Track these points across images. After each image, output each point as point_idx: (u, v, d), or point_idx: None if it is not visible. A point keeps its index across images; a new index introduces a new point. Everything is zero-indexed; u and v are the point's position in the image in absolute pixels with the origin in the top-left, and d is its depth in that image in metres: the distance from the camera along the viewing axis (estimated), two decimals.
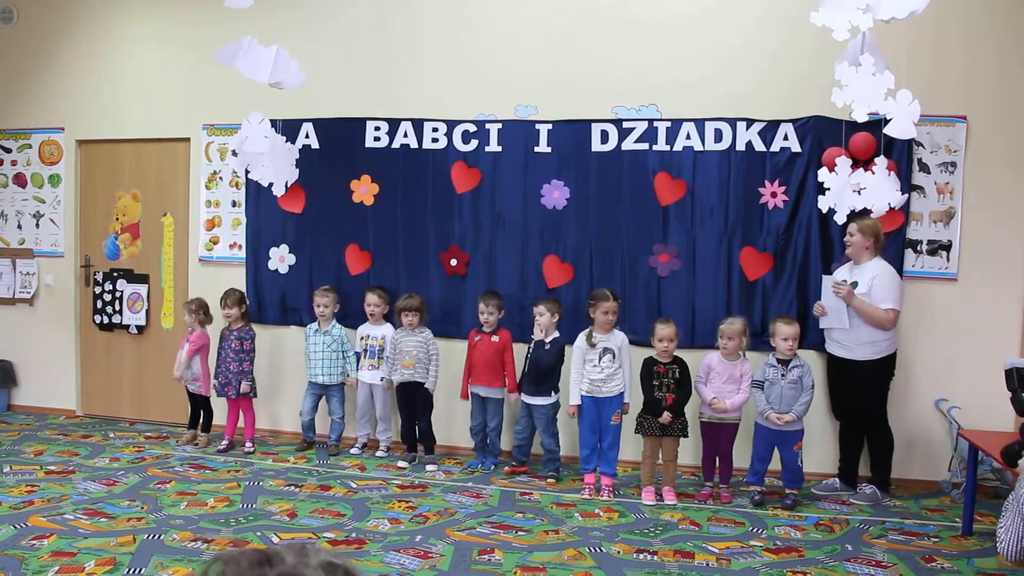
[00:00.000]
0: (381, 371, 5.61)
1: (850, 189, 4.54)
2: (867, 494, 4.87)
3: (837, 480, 5.04)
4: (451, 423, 5.71)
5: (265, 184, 5.53)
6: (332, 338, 5.70)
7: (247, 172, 5.69)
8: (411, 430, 5.51)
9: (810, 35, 4.18)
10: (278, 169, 5.56)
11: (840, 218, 4.67)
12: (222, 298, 5.72)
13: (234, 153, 5.73)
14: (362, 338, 5.71)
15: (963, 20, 5.09)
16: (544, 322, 5.14)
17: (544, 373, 5.14)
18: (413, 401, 5.46)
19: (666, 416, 4.77)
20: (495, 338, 5.33)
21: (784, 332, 4.75)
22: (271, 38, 4.95)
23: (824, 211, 4.75)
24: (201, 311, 5.79)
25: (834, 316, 4.84)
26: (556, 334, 5.17)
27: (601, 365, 4.91)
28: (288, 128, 5.86)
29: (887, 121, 4.19)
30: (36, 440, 5.87)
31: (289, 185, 5.71)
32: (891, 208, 4.65)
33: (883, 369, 4.85)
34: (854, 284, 4.77)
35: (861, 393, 4.86)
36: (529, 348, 5.24)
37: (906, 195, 4.87)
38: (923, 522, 4.54)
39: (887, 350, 4.81)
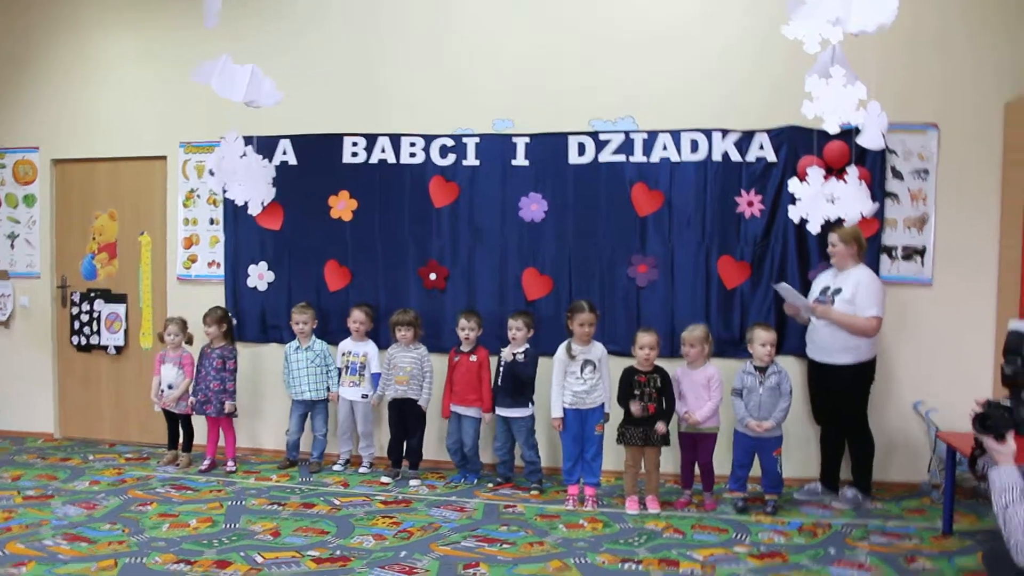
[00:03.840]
0: (362, 388, 5.59)
1: (823, 199, 4.59)
2: (848, 497, 4.91)
3: (819, 484, 5.09)
4: (435, 438, 5.69)
5: (240, 203, 5.50)
6: (315, 353, 5.69)
7: (224, 191, 5.66)
8: (398, 446, 5.49)
9: (784, 46, 4.21)
10: (254, 188, 5.52)
11: (814, 228, 4.70)
12: (204, 317, 5.69)
13: (211, 172, 5.69)
14: (343, 354, 5.69)
15: (935, 29, 5.17)
16: (520, 337, 5.18)
17: (522, 385, 5.16)
18: (405, 417, 5.45)
19: (660, 426, 4.76)
20: (473, 358, 5.34)
21: (762, 337, 4.78)
22: (247, 56, 4.94)
23: (796, 222, 4.79)
24: (184, 330, 5.77)
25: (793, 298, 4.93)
26: (526, 345, 5.20)
27: (583, 377, 4.92)
28: (265, 144, 5.84)
29: (859, 130, 4.25)
30: (13, 465, 5.79)
31: (266, 204, 5.66)
32: (863, 217, 4.70)
33: (863, 374, 4.90)
34: (837, 291, 4.81)
35: (842, 398, 4.91)
36: (500, 362, 5.25)
37: (877, 204, 4.93)
38: (904, 523, 4.58)
39: (867, 355, 4.86)
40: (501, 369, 5.23)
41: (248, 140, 5.49)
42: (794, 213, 4.75)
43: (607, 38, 5.54)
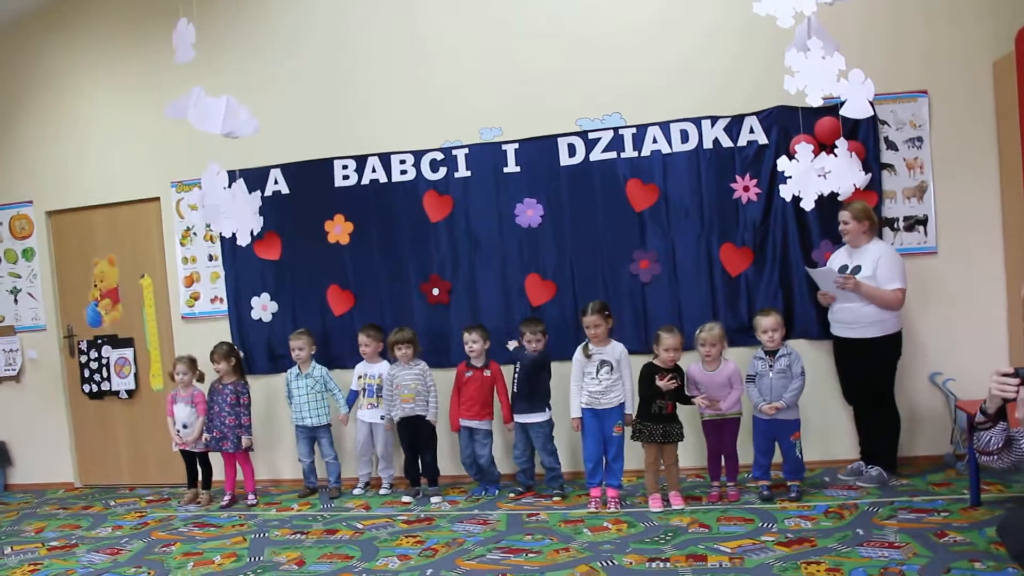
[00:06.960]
0: (380, 409, 5.57)
1: (814, 174, 4.55)
2: (873, 476, 4.85)
3: (861, 463, 5.01)
4: (452, 453, 5.67)
5: (228, 235, 5.46)
6: (314, 379, 5.67)
7: (208, 227, 5.63)
8: (414, 464, 5.46)
9: (766, 25, 4.17)
10: (240, 219, 5.50)
11: (807, 204, 4.66)
12: (211, 354, 5.68)
13: (192, 208, 5.66)
14: (359, 377, 5.67)
15: None
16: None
17: (534, 389, 5.14)
18: (416, 435, 5.42)
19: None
20: (487, 372, 5.32)
21: (762, 325, 4.76)
22: (228, 90, 4.91)
23: (788, 200, 4.76)
24: (194, 368, 5.76)
25: (842, 295, 4.83)
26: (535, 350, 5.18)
27: (599, 377, 4.88)
28: (257, 175, 5.85)
29: (843, 102, 4.21)
30: (36, 517, 5.80)
31: (255, 234, 5.64)
32: (856, 189, 4.66)
33: (890, 347, 4.82)
34: (856, 269, 4.76)
35: (869, 372, 4.84)
36: (515, 369, 5.23)
37: (870, 175, 4.88)
38: (931, 498, 4.52)
39: (893, 328, 4.79)
40: (516, 374, 5.21)
41: (239, 173, 5.49)
42: (786, 191, 4.73)
43: (585, 35, 5.52)
